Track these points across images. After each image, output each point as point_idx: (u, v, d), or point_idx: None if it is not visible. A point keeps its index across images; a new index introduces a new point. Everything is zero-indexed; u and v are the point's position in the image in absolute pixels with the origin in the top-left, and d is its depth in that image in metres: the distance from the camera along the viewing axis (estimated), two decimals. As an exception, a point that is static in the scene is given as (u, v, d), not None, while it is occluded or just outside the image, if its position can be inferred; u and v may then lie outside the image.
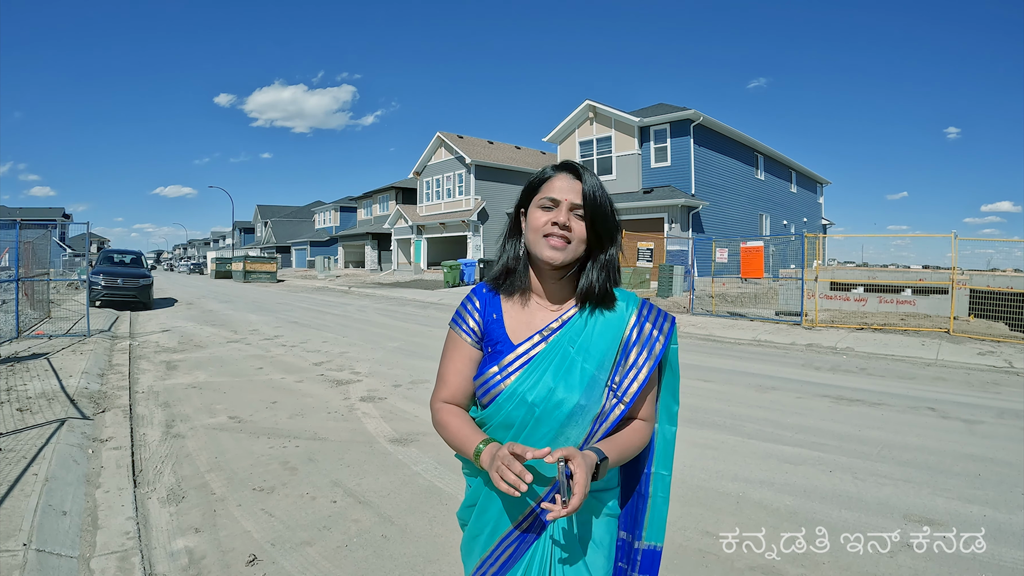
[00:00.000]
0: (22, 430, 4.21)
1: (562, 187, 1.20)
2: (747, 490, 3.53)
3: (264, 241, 63.70)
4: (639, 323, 1.26)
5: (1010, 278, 11.46)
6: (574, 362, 1.20)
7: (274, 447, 4.29)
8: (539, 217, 1.20)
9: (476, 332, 1.30)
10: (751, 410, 5.35)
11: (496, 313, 1.29)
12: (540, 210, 1.21)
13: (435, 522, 3.09)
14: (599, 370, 1.20)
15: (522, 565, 1.21)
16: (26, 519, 2.80)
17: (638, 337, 1.25)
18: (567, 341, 1.22)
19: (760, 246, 12.55)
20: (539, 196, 1.22)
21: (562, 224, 1.18)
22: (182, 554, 2.74)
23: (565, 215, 1.18)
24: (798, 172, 31.83)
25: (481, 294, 1.33)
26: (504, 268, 1.30)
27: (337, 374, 6.88)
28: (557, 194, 1.19)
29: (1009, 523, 3.10)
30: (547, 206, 1.20)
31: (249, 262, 33.99)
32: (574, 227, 1.19)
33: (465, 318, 1.31)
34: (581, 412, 1.19)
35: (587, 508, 1.23)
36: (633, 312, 1.27)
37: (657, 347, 1.25)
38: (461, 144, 31.70)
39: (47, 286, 12.36)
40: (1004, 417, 5.22)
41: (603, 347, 1.22)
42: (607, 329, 1.24)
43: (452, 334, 1.33)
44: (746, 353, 8.77)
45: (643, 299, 1.31)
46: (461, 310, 1.33)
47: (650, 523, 1.31)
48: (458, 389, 1.30)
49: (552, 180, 1.22)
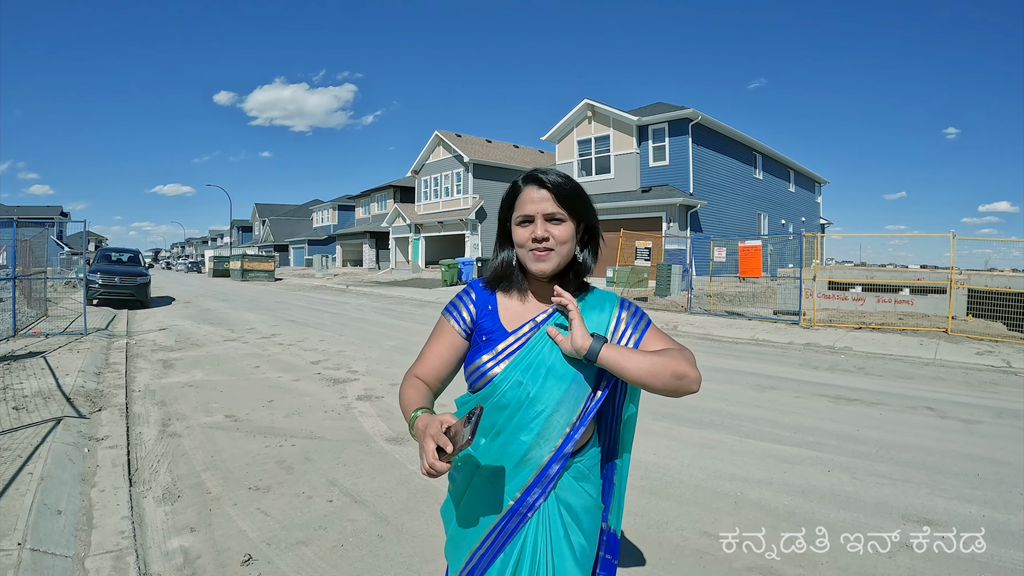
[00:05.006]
0: (18, 429, 4.18)
1: (532, 200, 1.25)
2: (745, 490, 3.53)
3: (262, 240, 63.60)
4: (624, 309, 1.35)
5: (1008, 278, 11.48)
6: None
7: (270, 446, 4.27)
8: (520, 234, 1.27)
9: (467, 322, 1.35)
10: (749, 409, 5.35)
11: (491, 305, 1.35)
12: (520, 227, 1.27)
13: (431, 521, 3.08)
14: None
15: (512, 555, 1.24)
16: (21, 518, 2.78)
17: (627, 317, 1.34)
18: (559, 323, 1.29)
19: (758, 245, 12.55)
20: (516, 213, 1.28)
21: (540, 237, 1.23)
22: (177, 553, 2.73)
23: (541, 228, 1.24)
24: (796, 172, 31.85)
25: (478, 288, 1.38)
26: (497, 275, 1.36)
27: (334, 373, 6.86)
28: (529, 209, 1.25)
29: (1008, 523, 3.09)
30: (524, 222, 1.26)
31: (247, 261, 33.90)
32: (553, 233, 1.24)
33: (459, 308, 1.36)
34: (574, 390, 1.25)
35: (576, 498, 1.28)
36: (617, 303, 1.36)
37: (642, 324, 1.33)
38: (459, 143, 31.67)
39: (44, 284, 12.32)
40: (1002, 417, 5.22)
41: (593, 325, 1.30)
42: (598, 312, 1.33)
43: (442, 320, 1.38)
44: (744, 352, 8.76)
45: (622, 297, 1.39)
46: (456, 300, 1.38)
47: (615, 508, 1.43)
48: (432, 369, 1.35)
49: (522, 195, 1.28)
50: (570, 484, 1.28)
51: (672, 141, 22.27)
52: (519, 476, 1.25)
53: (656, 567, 2.67)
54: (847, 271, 14.22)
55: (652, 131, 22.81)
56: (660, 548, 2.83)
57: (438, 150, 33.07)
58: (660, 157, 22.60)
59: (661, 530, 3.00)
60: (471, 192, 30.48)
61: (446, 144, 32.03)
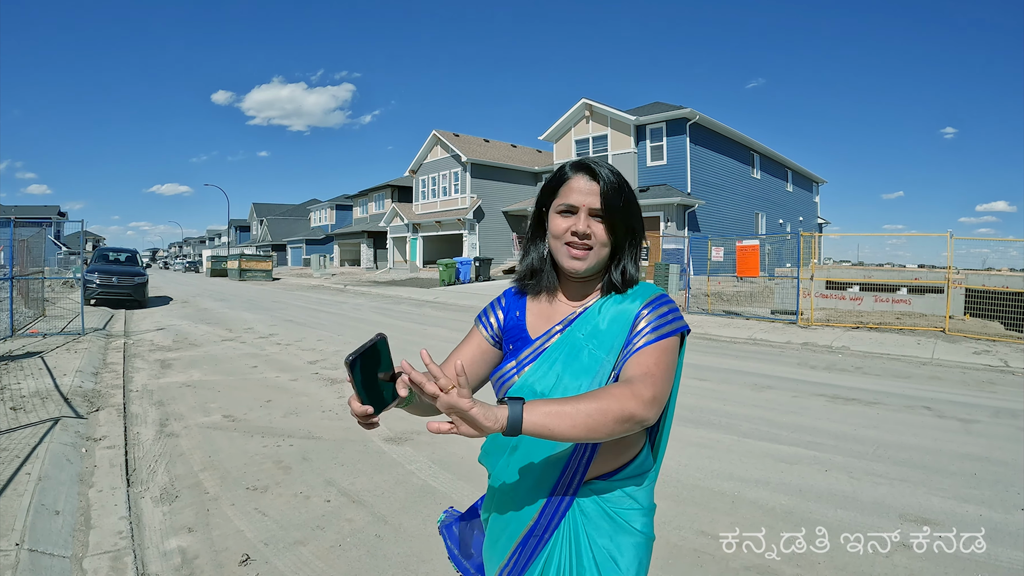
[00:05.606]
0: (15, 429, 4.18)
1: (580, 190, 1.16)
2: (742, 489, 3.53)
3: (260, 239, 63.52)
4: (650, 307, 1.18)
5: (1005, 277, 11.51)
6: (583, 348, 1.18)
7: (268, 446, 4.27)
8: (559, 224, 1.18)
9: (495, 328, 1.30)
10: (746, 409, 5.35)
11: (519, 311, 1.29)
12: (559, 216, 1.18)
13: (429, 521, 3.08)
14: (608, 354, 1.16)
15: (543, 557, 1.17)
16: (19, 519, 2.78)
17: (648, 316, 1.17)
18: (579, 329, 1.21)
19: (756, 245, 12.57)
20: (558, 200, 1.19)
21: (581, 233, 1.15)
22: (175, 554, 2.72)
23: (584, 223, 1.15)
24: (794, 171, 31.90)
25: (509, 294, 1.34)
26: (529, 269, 1.28)
27: (332, 372, 6.86)
28: (575, 199, 1.16)
29: (1005, 523, 3.10)
30: (566, 212, 1.18)
31: (245, 260, 33.88)
32: (594, 231, 1.16)
33: (488, 314, 1.33)
34: None
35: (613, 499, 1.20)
36: (648, 299, 1.20)
37: (661, 331, 1.14)
38: (457, 142, 31.64)
39: (42, 284, 12.30)
40: (1000, 416, 5.23)
41: (615, 331, 1.18)
42: (620, 314, 1.19)
43: (472, 327, 1.34)
44: (742, 352, 8.77)
45: (662, 292, 1.23)
46: (487, 308, 1.35)
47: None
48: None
49: (569, 183, 1.18)
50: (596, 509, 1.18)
51: (670, 141, 22.29)
52: (536, 496, 1.18)
53: (654, 566, 2.65)
54: (845, 270, 14.25)
55: (650, 131, 22.84)
56: (657, 547, 2.82)
57: (436, 149, 33.04)
58: (658, 157, 22.62)
59: (658, 529, 2.99)
60: (469, 192, 30.45)
61: (444, 144, 32.00)
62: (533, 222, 1.29)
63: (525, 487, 1.20)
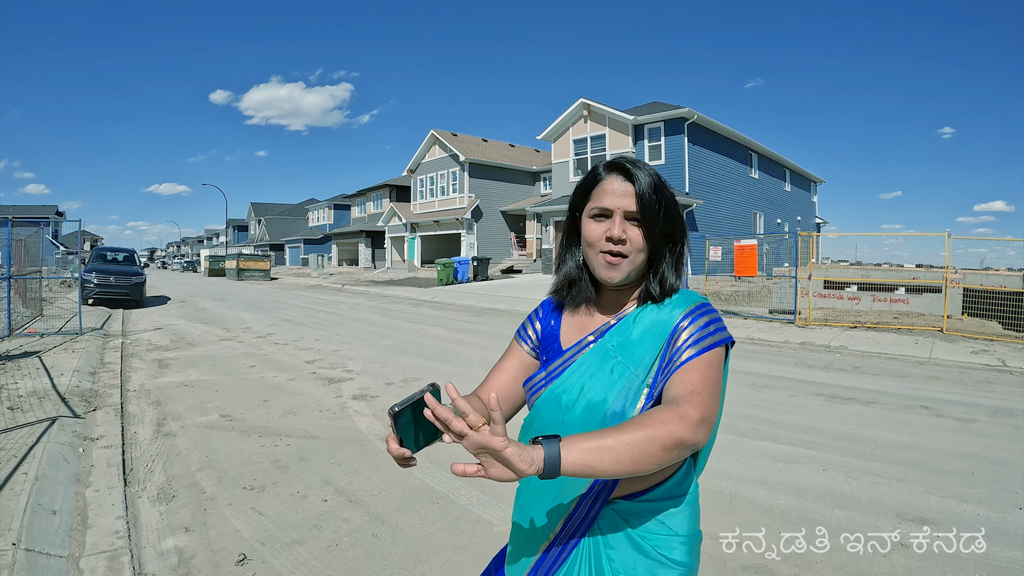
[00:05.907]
0: (12, 429, 4.17)
1: (613, 192, 1.10)
2: (740, 489, 3.53)
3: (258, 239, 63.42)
4: (690, 318, 1.10)
5: (1003, 277, 11.53)
6: (611, 360, 1.11)
7: (265, 446, 4.26)
8: (593, 230, 1.12)
9: (533, 340, 1.27)
10: (744, 408, 5.35)
11: (555, 321, 1.25)
12: (593, 221, 1.12)
13: (426, 521, 3.07)
14: (637, 368, 1.09)
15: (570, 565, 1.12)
16: (15, 518, 2.77)
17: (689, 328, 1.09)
18: (610, 340, 1.14)
19: (754, 244, 12.57)
20: (591, 204, 1.13)
21: (616, 239, 1.09)
22: (172, 553, 2.72)
23: (619, 227, 1.09)
24: (792, 171, 31.94)
25: (546, 305, 1.30)
26: (566, 279, 1.22)
27: (329, 372, 6.85)
28: (608, 202, 1.10)
29: (1003, 522, 3.10)
30: (599, 216, 1.12)
31: (243, 260, 33.84)
32: (630, 236, 1.09)
33: (527, 327, 1.30)
34: (613, 413, 1.07)
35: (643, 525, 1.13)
36: (688, 308, 1.12)
37: (703, 344, 1.06)
38: (455, 142, 31.64)
39: (39, 284, 12.27)
40: (997, 416, 5.23)
41: (646, 343, 1.10)
42: (654, 325, 1.11)
43: (512, 341, 1.31)
44: (740, 351, 8.77)
45: (703, 300, 1.15)
46: (524, 321, 1.32)
47: None
48: (494, 387, 1.24)
49: (602, 184, 1.12)
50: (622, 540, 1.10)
51: (668, 140, 22.31)
52: (556, 512, 1.13)
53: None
54: (843, 270, 14.26)
55: (648, 130, 22.85)
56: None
57: (434, 149, 33.03)
58: (656, 156, 22.63)
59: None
60: (467, 191, 30.46)
61: (442, 143, 32.00)
62: (567, 228, 1.22)
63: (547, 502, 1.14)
